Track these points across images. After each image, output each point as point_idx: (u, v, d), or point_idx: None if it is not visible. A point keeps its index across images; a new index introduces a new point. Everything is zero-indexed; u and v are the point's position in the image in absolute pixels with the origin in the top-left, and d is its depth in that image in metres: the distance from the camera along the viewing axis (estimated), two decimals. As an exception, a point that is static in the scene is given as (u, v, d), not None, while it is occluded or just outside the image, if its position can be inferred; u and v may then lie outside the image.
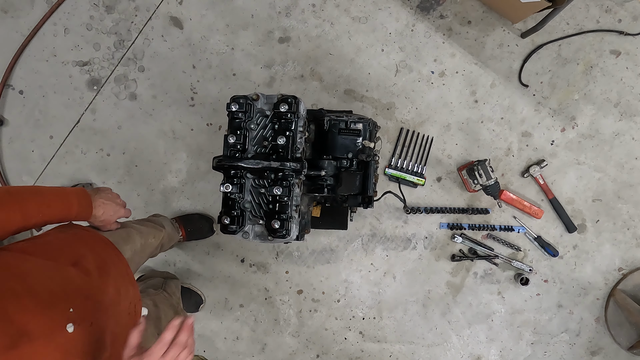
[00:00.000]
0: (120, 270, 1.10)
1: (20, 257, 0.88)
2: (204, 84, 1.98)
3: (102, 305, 0.95)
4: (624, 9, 1.94)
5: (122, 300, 1.05)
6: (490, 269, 2.01)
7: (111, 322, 0.97)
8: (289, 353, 2.06)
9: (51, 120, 2.00)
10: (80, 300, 0.88)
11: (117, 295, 1.02)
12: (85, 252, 1.02)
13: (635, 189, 1.99)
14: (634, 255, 2.01)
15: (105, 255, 1.09)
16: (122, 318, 1.04)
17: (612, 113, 1.97)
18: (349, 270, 2.02)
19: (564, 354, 2.05)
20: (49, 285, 0.84)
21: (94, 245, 1.10)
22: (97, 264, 1.01)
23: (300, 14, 1.96)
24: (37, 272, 0.86)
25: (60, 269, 0.91)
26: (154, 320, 1.39)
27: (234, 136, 1.32)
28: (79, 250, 1.01)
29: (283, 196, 1.28)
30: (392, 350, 2.05)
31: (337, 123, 1.52)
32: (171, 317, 1.50)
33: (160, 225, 1.61)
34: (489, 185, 1.81)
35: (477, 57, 1.96)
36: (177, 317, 0.88)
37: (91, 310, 0.91)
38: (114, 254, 1.13)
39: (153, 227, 1.55)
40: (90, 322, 0.88)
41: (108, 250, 1.12)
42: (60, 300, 0.84)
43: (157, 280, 1.78)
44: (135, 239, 1.31)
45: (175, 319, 0.87)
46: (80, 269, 0.95)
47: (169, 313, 1.51)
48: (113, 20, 1.98)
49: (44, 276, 0.86)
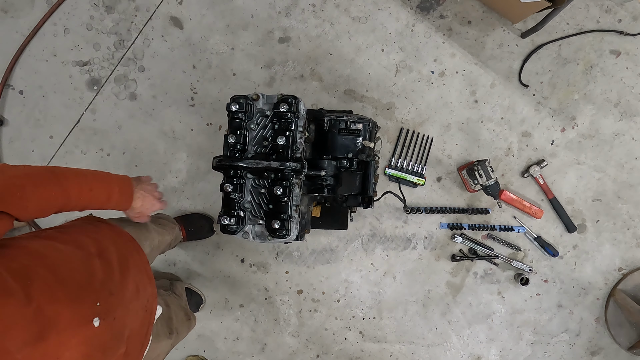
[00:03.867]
0: (139, 267, 1.10)
1: (50, 246, 0.87)
2: (204, 84, 1.98)
3: (123, 301, 0.95)
4: (624, 9, 1.94)
5: (141, 296, 1.05)
6: (490, 269, 2.01)
7: (129, 318, 0.97)
8: (289, 353, 2.06)
9: (51, 120, 2.00)
10: (105, 295, 0.89)
11: (136, 291, 1.02)
12: (108, 245, 1.01)
13: (635, 189, 1.99)
14: (634, 255, 2.01)
15: (126, 250, 1.08)
16: (139, 314, 1.04)
17: (612, 113, 1.97)
18: (349, 270, 2.02)
19: (564, 354, 2.05)
20: (77, 277, 0.84)
21: (117, 239, 1.09)
22: (119, 259, 1.01)
23: (300, 14, 1.96)
24: (66, 262, 0.86)
25: (87, 260, 0.91)
26: (166, 319, 1.39)
27: (234, 136, 1.32)
28: (102, 242, 1.01)
29: (283, 196, 1.28)
30: (392, 350, 2.05)
31: (337, 123, 1.52)
32: (182, 317, 1.51)
33: (172, 222, 1.61)
34: (489, 185, 1.81)
35: (477, 57, 1.96)
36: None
37: (115, 306, 0.91)
38: (135, 250, 1.12)
39: (167, 223, 1.56)
40: (113, 317, 0.89)
41: (129, 246, 1.12)
42: (88, 293, 0.84)
43: (163, 281, 1.78)
44: (154, 235, 1.31)
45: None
46: (104, 261, 0.95)
47: (180, 313, 1.51)
48: (113, 20, 1.98)
49: (73, 267, 0.86)
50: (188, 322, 1.57)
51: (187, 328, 1.55)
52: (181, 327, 1.47)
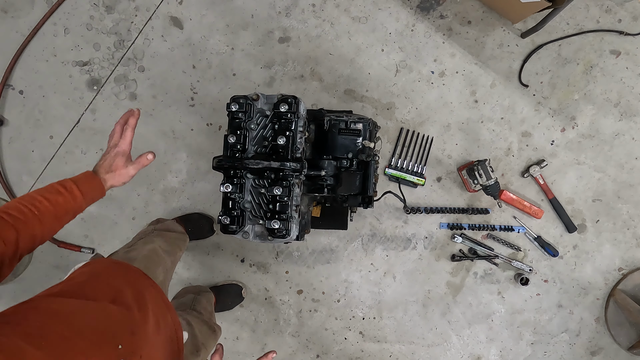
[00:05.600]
0: (156, 299, 1.08)
1: (61, 302, 0.86)
2: (204, 84, 1.98)
3: (147, 338, 0.94)
4: (624, 9, 1.94)
5: (162, 328, 1.03)
6: (490, 269, 2.01)
7: (156, 352, 0.96)
8: (289, 353, 2.06)
9: (51, 120, 2.00)
10: (127, 336, 0.87)
11: (157, 325, 1.01)
12: (121, 287, 0.99)
13: (635, 189, 1.99)
14: (634, 255, 2.01)
15: (139, 285, 1.06)
16: (166, 346, 1.03)
17: (612, 113, 1.97)
18: (349, 270, 2.02)
19: (564, 354, 2.05)
20: (94, 325, 0.83)
21: (128, 276, 1.07)
22: (135, 297, 0.99)
23: (300, 14, 1.96)
24: (80, 313, 0.84)
25: (101, 308, 0.90)
26: (191, 338, 1.38)
27: (234, 136, 1.32)
28: (115, 286, 0.99)
29: (283, 196, 1.28)
30: (392, 350, 2.05)
31: (337, 123, 1.52)
32: (206, 332, 1.49)
33: (181, 232, 1.60)
34: (489, 185, 1.81)
35: (477, 57, 1.96)
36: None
37: (139, 344, 0.90)
38: (148, 283, 1.11)
39: (176, 238, 1.54)
40: (140, 356, 0.88)
41: (141, 280, 1.10)
42: (108, 338, 0.83)
43: (187, 297, 1.75)
44: (165, 258, 1.30)
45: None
46: (120, 304, 0.94)
47: (203, 328, 1.50)
48: (113, 20, 1.98)
49: (88, 317, 0.85)
50: (214, 335, 1.55)
51: (213, 340, 1.53)
52: (207, 342, 1.46)
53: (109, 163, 1.13)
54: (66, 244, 2.02)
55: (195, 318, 1.55)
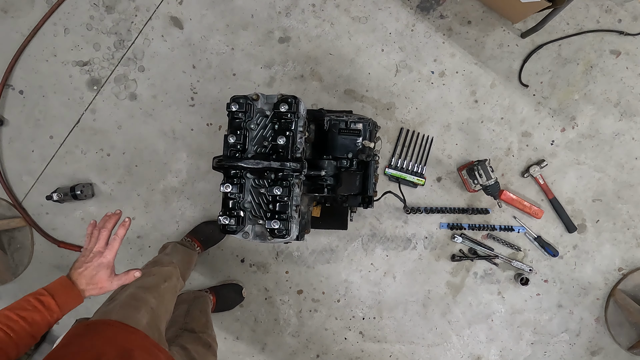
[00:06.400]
0: (142, 346, 1.05)
1: None
2: (204, 84, 1.98)
3: None
4: (624, 9, 1.94)
5: None
6: (490, 269, 2.01)
7: None
8: (289, 353, 2.06)
9: (51, 120, 2.00)
10: None
11: None
12: (103, 348, 0.96)
13: (635, 189, 1.99)
14: (634, 255, 2.01)
15: (120, 340, 1.02)
16: None
17: (612, 113, 1.97)
18: (349, 270, 2.02)
19: (564, 354, 2.05)
20: None
21: (107, 335, 1.03)
22: (119, 354, 0.96)
23: (300, 14, 1.96)
24: None
25: None
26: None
27: (234, 136, 1.32)
28: (97, 349, 0.96)
29: (283, 196, 1.28)
30: (392, 350, 2.05)
31: (337, 123, 1.52)
32: (201, 351, 1.42)
33: (168, 263, 1.54)
34: (489, 185, 1.81)
35: (477, 57, 1.96)
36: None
37: None
38: (130, 332, 1.07)
39: (160, 271, 1.46)
40: None
41: (122, 334, 1.06)
42: None
43: (180, 311, 1.66)
44: (147, 298, 1.23)
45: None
46: None
47: (198, 347, 1.46)
48: (113, 20, 1.98)
49: None
50: (210, 350, 1.50)
51: (212, 355, 1.50)
52: (205, 358, 1.44)
53: (91, 274, 1.06)
54: (66, 244, 2.02)
55: (188, 338, 1.50)
